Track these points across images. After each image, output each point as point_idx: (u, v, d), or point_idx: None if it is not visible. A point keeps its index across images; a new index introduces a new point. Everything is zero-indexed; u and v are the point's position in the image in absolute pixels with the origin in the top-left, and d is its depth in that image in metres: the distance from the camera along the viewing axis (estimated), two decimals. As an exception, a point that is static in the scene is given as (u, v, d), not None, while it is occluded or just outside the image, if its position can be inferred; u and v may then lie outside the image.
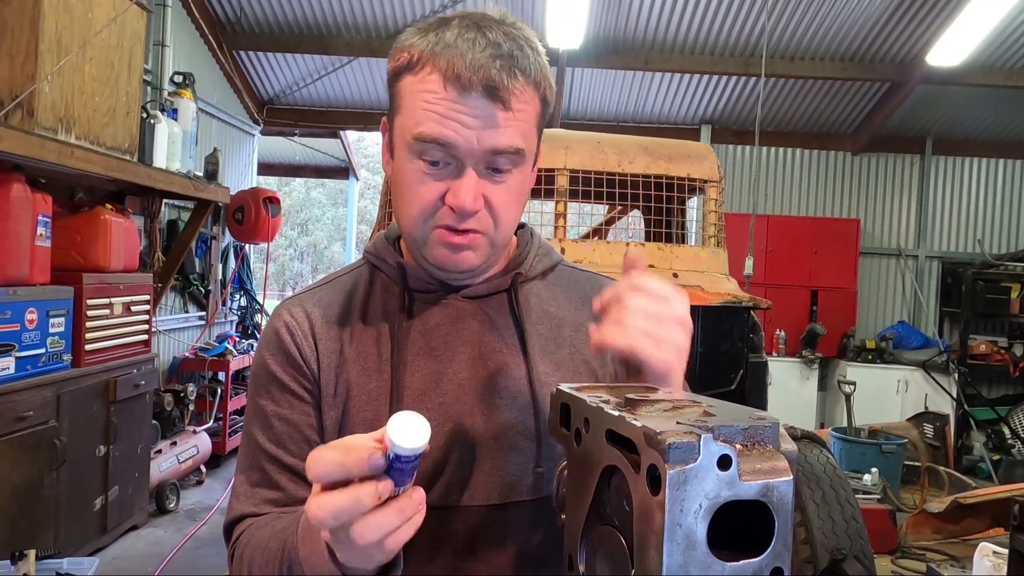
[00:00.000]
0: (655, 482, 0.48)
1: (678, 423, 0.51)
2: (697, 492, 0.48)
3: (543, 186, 3.38)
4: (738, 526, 0.52)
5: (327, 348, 0.94)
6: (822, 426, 7.21)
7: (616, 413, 0.54)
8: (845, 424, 5.78)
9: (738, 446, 0.50)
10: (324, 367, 0.93)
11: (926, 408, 6.75)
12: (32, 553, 2.93)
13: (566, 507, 0.63)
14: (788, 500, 0.50)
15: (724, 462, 0.48)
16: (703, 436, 0.48)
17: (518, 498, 0.89)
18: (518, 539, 0.89)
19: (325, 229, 22.87)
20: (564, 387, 0.65)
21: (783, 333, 7.38)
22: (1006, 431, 6.83)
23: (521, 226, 1.07)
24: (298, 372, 0.93)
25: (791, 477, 0.51)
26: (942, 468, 5.65)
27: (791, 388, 7.25)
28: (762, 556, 0.50)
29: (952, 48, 5.98)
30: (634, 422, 0.51)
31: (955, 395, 6.95)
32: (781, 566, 0.51)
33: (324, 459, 0.64)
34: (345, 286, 1.00)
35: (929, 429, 6.26)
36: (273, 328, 0.97)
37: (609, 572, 0.56)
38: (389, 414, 0.87)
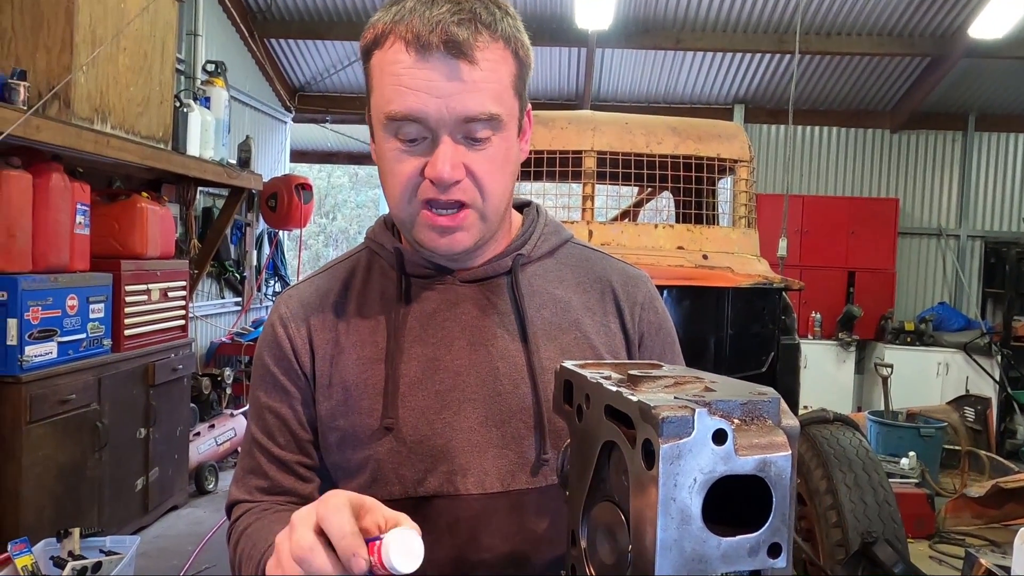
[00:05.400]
0: (649, 456, 0.48)
1: (676, 398, 0.51)
2: (691, 467, 0.48)
3: (571, 168, 3.37)
4: (746, 503, 0.52)
5: (322, 339, 0.94)
6: (859, 409, 7.10)
7: (614, 389, 0.54)
8: (883, 407, 5.68)
9: (736, 421, 0.50)
10: (319, 358, 0.93)
11: (967, 391, 6.60)
12: (77, 531, 3.03)
13: (570, 483, 0.63)
14: (786, 475, 0.50)
15: (719, 436, 0.48)
16: (698, 410, 0.48)
17: (519, 486, 0.88)
18: (522, 527, 0.88)
19: (355, 215, 23.04)
20: (568, 364, 0.65)
21: (819, 315, 7.27)
22: (1052, 415, 6.65)
23: (527, 203, 1.05)
24: (288, 367, 0.94)
25: (789, 452, 0.50)
26: (983, 452, 5.53)
27: (827, 371, 7.15)
28: (759, 532, 0.50)
29: (995, 20, 5.78)
30: (631, 397, 0.51)
31: (998, 378, 6.78)
32: (779, 541, 0.50)
33: (316, 563, 0.64)
34: (343, 273, 0.99)
35: (970, 412, 6.12)
36: (270, 321, 0.98)
37: (609, 547, 0.56)
38: (385, 404, 0.88)
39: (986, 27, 5.87)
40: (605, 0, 5.64)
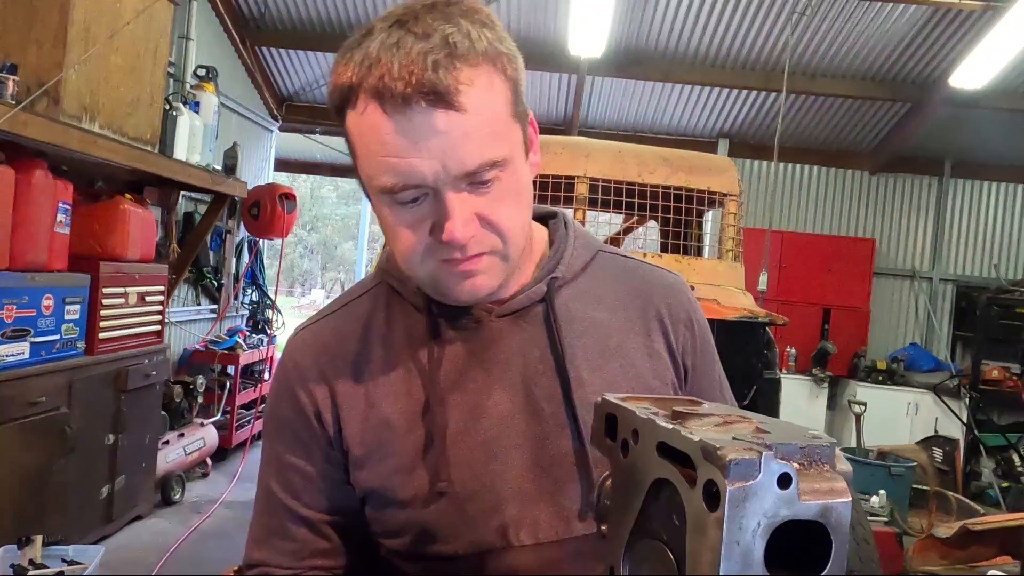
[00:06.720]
0: (713, 498, 0.47)
1: (735, 438, 0.50)
2: (756, 510, 0.47)
3: (563, 193, 3.38)
4: (780, 545, 0.51)
5: (347, 393, 0.86)
6: (829, 445, 7.15)
7: (669, 426, 0.54)
8: (854, 444, 5.74)
9: (796, 465, 0.49)
10: (346, 416, 0.85)
11: (936, 432, 6.70)
12: (39, 539, 2.93)
13: (609, 519, 0.62)
14: (846, 522, 0.49)
15: (784, 480, 0.47)
16: (764, 453, 0.47)
17: (574, 532, 0.83)
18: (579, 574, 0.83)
19: (335, 228, 22.95)
20: (609, 397, 0.64)
21: (794, 350, 7.34)
22: (1016, 458, 6.76)
23: (553, 215, 0.96)
24: (308, 423, 0.86)
25: (850, 499, 0.50)
26: (951, 493, 5.60)
27: (799, 406, 7.20)
28: (818, 578, 0.49)
29: (976, 71, 5.95)
30: (690, 436, 0.51)
31: (965, 420, 6.89)
32: (836, 589, 0.50)
33: None
34: (361, 313, 0.90)
35: (938, 453, 6.21)
36: (284, 370, 0.89)
37: (654, 587, 0.55)
38: (435, 466, 0.81)
39: (966, 78, 6.04)
40: (598, 29, 5.71)
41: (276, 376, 0.92)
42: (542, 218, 0.97)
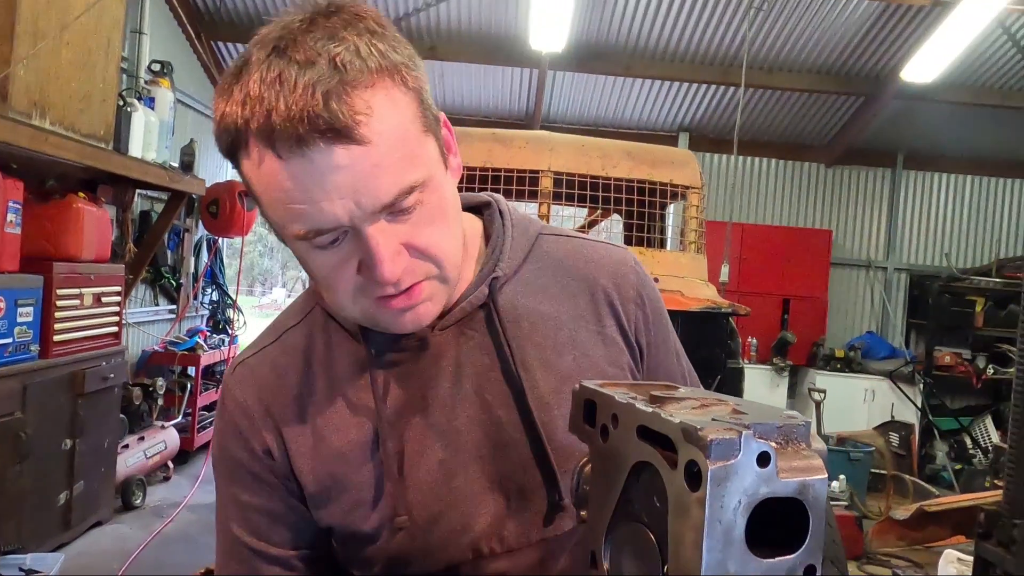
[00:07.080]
0: (694, 478, 0.48)
1: (714, 420, 0.51)
2: (737, 488, 0.48)
3: (527, 187, 3.39)
4: (759, 524, 0.52)
5: (294, 431, 0.81)
6: (790, 433, 7.29)
7: (649, 409, 0.54)
8: (815, 431, 5.86)
9: (774, 444, 0.50)
10: (295, 453, 0.81)
11: (892, 417, 6.88)
12: (-5, 548, 2.86)
13: (590, 504, 0.62)
14: (822, 498, 0.51)
15: (763, 459, 0.48)
16: (744, 433, 0.48)
17: (541, 535, 0.82)
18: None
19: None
20: (587, 383, 0.65)
21: (755, 340, 7.47)
22: (968, 441, 6.99)
23: (487, 204, 0.90)
24: (261, 462, 0.82)
25: (826, 476, 0.51)
26: (907, 476, 5.76)
27: (761, 395, 7.33)
28: (797, 553, 0.50)
29: (926, 65, 6.11)
30: (670, 418, 0.51)
31: (920, 405, 7.09)
32: (814, 563, 0.51)
33: None
34: (299, 342, 0.85)
35: (895, 438, 6.38)
36: (226, 409, 0.85)
37: (636, 569, 0.56)
38: (383, 492, 0.78)
39: (917, 71, 6.20)
40: (559, 24, 5.73)
41: (220, 416, 0.87)
42: (476, 208, 0.91)
